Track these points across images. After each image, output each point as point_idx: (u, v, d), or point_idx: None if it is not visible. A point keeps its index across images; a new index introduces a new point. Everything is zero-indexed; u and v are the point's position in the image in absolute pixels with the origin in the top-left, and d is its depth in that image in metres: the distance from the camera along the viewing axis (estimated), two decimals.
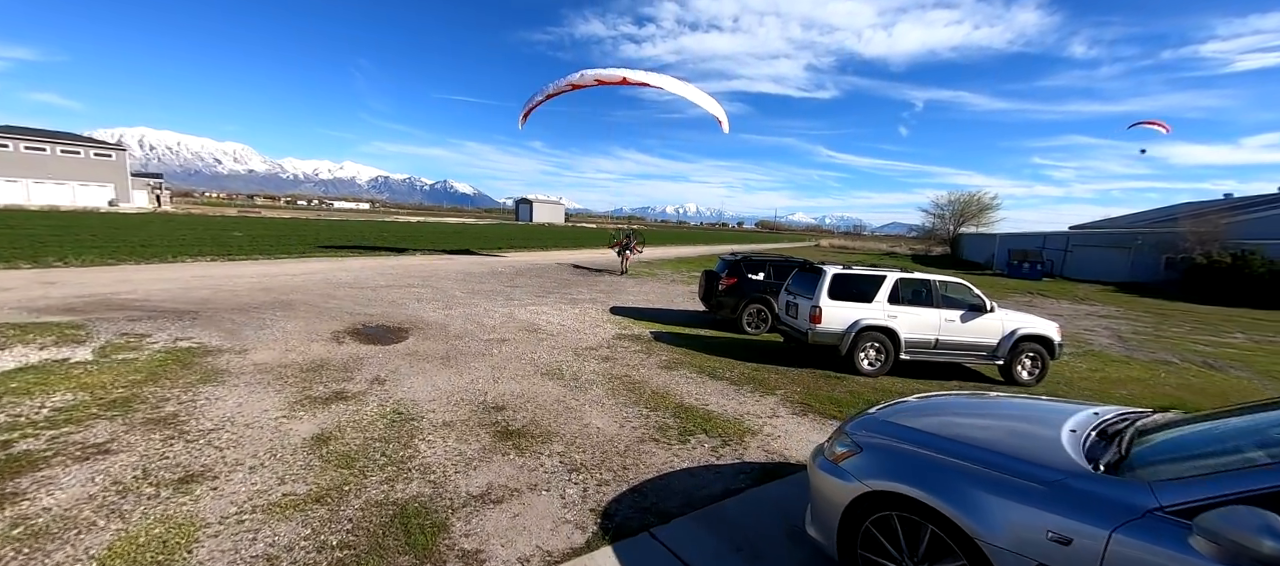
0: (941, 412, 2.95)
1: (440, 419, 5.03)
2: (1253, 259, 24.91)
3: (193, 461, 3.94)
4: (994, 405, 3.08)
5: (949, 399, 3.35)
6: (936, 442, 2.46)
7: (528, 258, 25.40)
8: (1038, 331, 8.22)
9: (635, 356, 7.98)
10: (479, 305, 11.54)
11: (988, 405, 3.10)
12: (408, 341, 8.05)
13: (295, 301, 10.53)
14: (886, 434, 2.71)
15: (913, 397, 3.45)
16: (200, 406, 5.01)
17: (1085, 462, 2.13)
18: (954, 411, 2.99)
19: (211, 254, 17.58)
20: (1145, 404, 7.77)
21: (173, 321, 8.26)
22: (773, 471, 4.24)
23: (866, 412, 3.23)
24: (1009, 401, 3.21)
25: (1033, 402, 3.14)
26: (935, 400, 3.30)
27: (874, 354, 8.01)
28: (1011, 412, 2.92)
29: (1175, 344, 13.49)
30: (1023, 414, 2.87)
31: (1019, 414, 2.88)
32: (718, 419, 5.40)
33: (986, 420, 2.78)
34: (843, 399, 6.43)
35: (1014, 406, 3.06)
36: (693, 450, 4.60)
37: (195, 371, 6.03)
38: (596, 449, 4.53)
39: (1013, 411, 2.95)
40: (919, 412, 2.95)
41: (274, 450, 4.20)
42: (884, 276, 8.23)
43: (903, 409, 3.09)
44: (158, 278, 12.44)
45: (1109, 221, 52.04)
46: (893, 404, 3.31)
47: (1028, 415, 2.82)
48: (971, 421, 2.75)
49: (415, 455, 4.25)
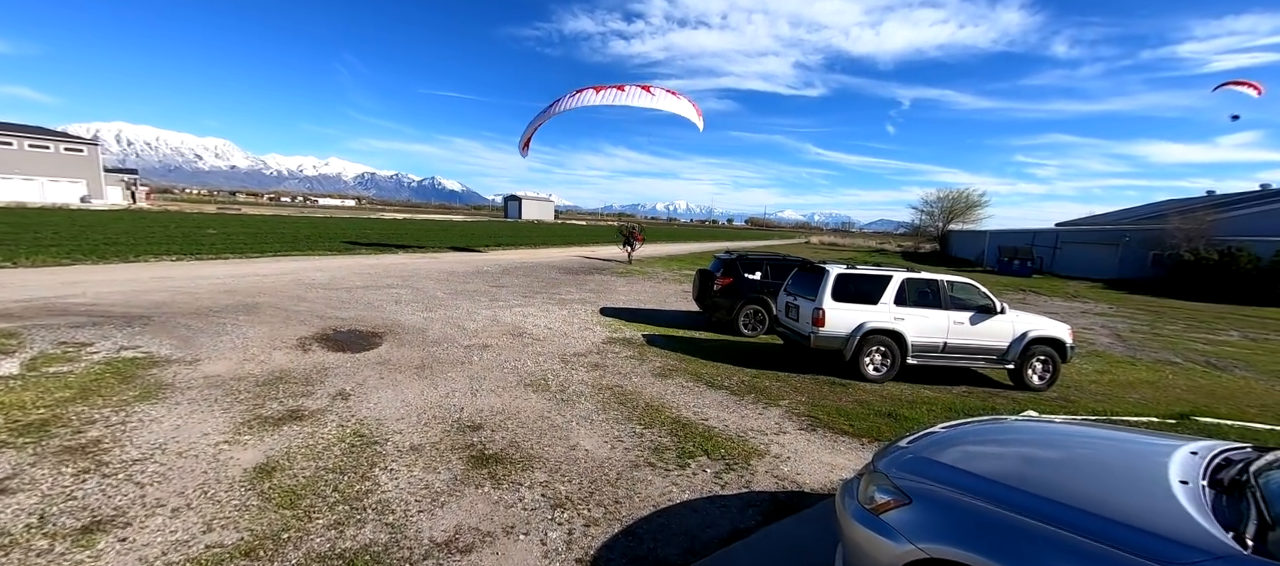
0: (999, 448, 2.45)
1: (407, 441, 4.44)
2: (1240, 256, 25.06)
3: (104, 503, 3.33)
4: (1060, 437, 2.57)
5: (996, 427, 2.86)
6: (1013, 497, 1.95)
7: (516, 256, 24.71)
8: (1049, 333, 7.82)
9: (627, 363, 7.43)
10: (461, 307, 10.91)
11: (1051, 436, 2.60)
12: (381, 348, 7.43)
13: (262, 304, 9.82)
14: (939, 479, 2.20)
15: (945, 426, 2.95)
16: (130, 430, 4.37)
17: (1223, 532, 1.64)
18: (1014, 446, 2.48)
19: (179, 253, 16.68)
20: (1158, 408, 7.43)
21: (120, 327, 7.54)
22: (785, 504, 3.72)
23: (901, 446, 2.72)
24: (1076, 431, 2.71)
25: (1109, 435, 2.62)
26: (981, 430, 2.80)
27: (880, 359, 7.55)
28: (1091, 450, 2.41)
29: (1174, 343, 13.27)
30: (1107, 453, 2.36)
31: (1101, 452, 2.37)
32: (719, 437, 4.88)
33: (1062, 461, 2.28)
34: (852, 410, 5.95)
35: (1088, 440, 2.55)
36: (693, 477, 4.07)
37: (135, 386, 5.37)
38: (584, 477, 3.98)
39: (1091, 448, 2.44)
40: (971, 450, 2.44)
41: (206, 486, 3.59)
42: (890, 276, 7.77)
43: (948, 443, 2.58)
44: (112, 279, 11.61)
45: (1096, 218, 52.54)
46: (929, 434, 2.80)
47: (1114, 455, 2.31)
48: (1045, 464, 2.24)
49: (373, 489, 3.67)
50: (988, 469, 2.19)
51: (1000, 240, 39.13)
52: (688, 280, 18.72)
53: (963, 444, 2.58)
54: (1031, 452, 2.39)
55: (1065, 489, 1.96)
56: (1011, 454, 2.38)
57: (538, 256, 25.04)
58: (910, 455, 2.48)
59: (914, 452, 2.50)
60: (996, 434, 2.74)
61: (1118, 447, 2.44)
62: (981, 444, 2.53)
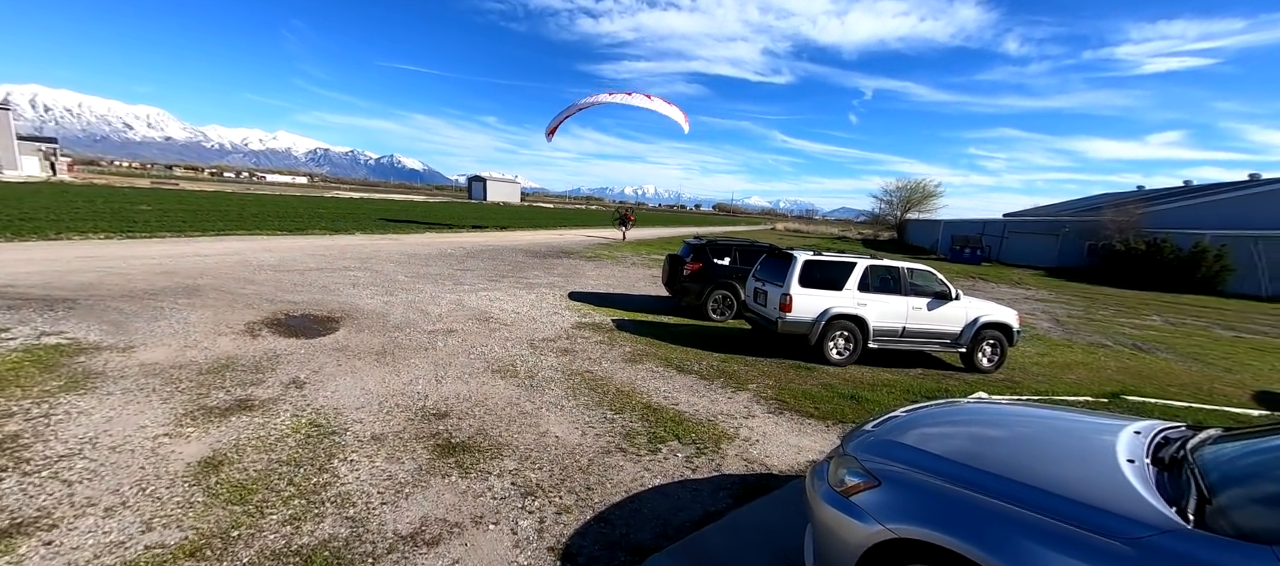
0: (959, 429, 2.55)
1: (368, 431, 4.27)
2: (1164, 246, 27.13)
3: (25, 503, 3.04)
4: (1014, 419, 2.70)
5: (953, 410, 2.97)
6: (974, 477, 2.02)
7: (480, 239, 24.09)
8: (998, 319, 8.25)
9: (597, 348, 7.38)
10: (424, 291, 10.55)
11: (1005, 418, 2.72)
12: (338, 333, 7.09)
13: (204, 286, 9.19)
14: (905, 461, 2.26)
15: (908, 409, 3.05)
16: (55, 424, 4.01)
17: (1167, 507, 1.75)
18: (972, 428, 2.59)
19: (107, 231, 15.39)
20: (1092, 388, 7.99)
21: (41, 311, 6.90)
22: (755, 486, 3.79)
23: (867, 429, 2.79)
24: (1028, 413, 2.85)
25: (1058, 416, 2.77)
26: (940, 412, 2.90)
27: (843, 343, 7.79)
28: (1043, 431, 2.54)
29: (1105, 327, 14.29)
30: (1058, 434, 2.49)
31: (1053, 433, 2.50)
32: (689, 421, 4.91)
33: (1018, 442, 2.38)
34: (817, 393, 6.11)
35: (1040, 421, 2.69)
36: (665, 461, 4.08)
37: (59, 375, 4.93)
38: (555, 464, 3.93)
39: (1043, 429, 2.57)
40: (933, 431, 2.53)
41: (144, 482, 3.34)
42: (855, 263, 7.98)
43: (911, 425, 2.66)
44: (30, 258, 10.60)
45: (1039, 210, 55.73)
46: (893, 417, 2.89)
47: (1065, 436, 2.45)
48: (1002, 444, 2.34)
49: (332, 481, 3.50)
50: (950, 450, 2.27)
51: (953, 229, 40.99)
52: (656, 265, 18.74)
53: (925, 426, 2.67)
54: (988, 434, 2.49)
55: (1023, 468, 2.05)
56: (970, 435, 2.48)
57: (503, 239, 24.49)
58: (876, 438, 2.55)
59: (879, 436, 2.57)
60: (955, 416, 2.86)
61: (1067, 428, 2.58)
62: (942, 426, 2.63)
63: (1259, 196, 29.85)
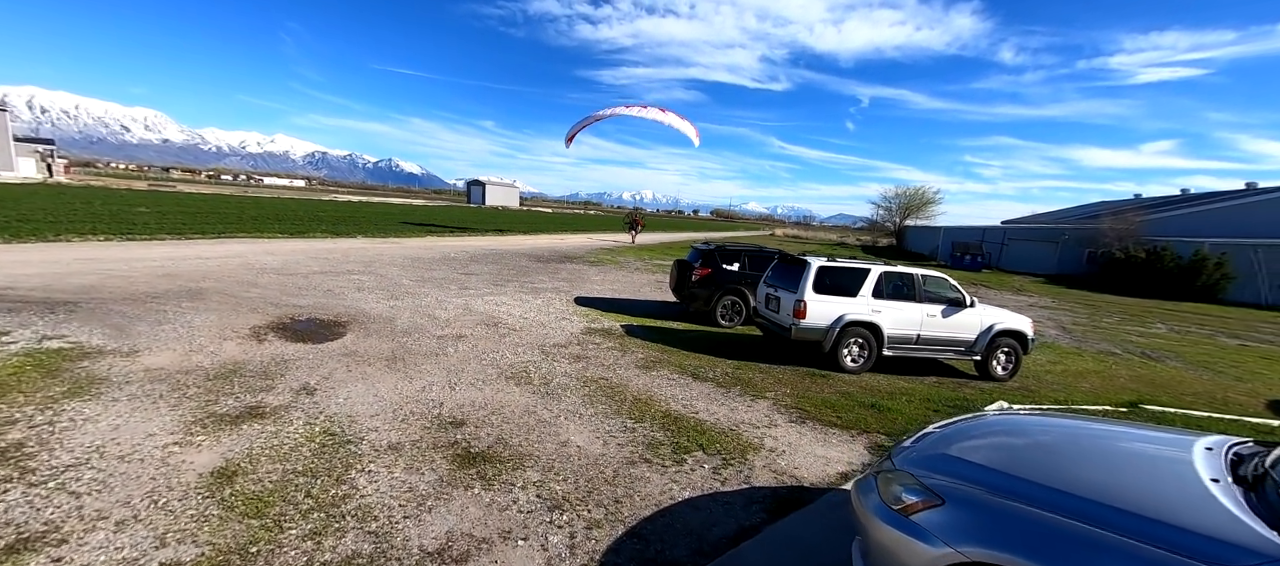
0: (1024, 445, 2.43)
1: (385, 440, 4.14)
2: (1164, 254, 27.21)
3: (32, 517, 2.91)
4: (1079, 433, 2.59)
5: (1013, 422, 2.86)
6: (1051, 497, 1.92)
7: (481, 243, 23.96)
8: (1013, 326, 8.18)
9: (609, 354, 7.26)
10: (430, 295, 10.42)
11: (1069, 432, 2.61)
12: (345, 338, 6.96)
13: (207, 289, 9.04)
14: (970, 478, 2.16)
15: (956, 421, 2.94)
16: (60, 431, 3.87)
17: (1269, 530, 1.65)
18: (1038, 443, 2.47)
19: (107, 233, 15.21)
20: (1109, 397, 7.92)
21: (42, 315, 6.75)
22: (787, 499, 3.67)
23: (917, 443, 2.69)
24: (1090, 427, 2.74)
25: (1122, 431, 2.64)
26: (991, 425, 2.80)
27: (857, 350, 7.69)
28: (1113, 446, 2.42)
29: (1112, 335, 14.25)
30: (1129, 449, 2.39)
31: (1124, 449, 2.40)
32: (711, 431, 4.80)
33: (1089, 458, 2.27)
34: (836, 402, 6.00)
35: (1105, 436, 2.58)
36: (691, 473, 3.97)
37: (62, 380, 4.79)
38: (579, 475, 3.81)
39: (1112, 444, 2.45)
40: (998, 448, 2.42)
41: (156, 494, 3.20)
42: (868, 269, 7.90)
43: (968, 440, 2.56)
44: (29, 260, 10.43)
45: (1037, 217, 55.95)
46: (937, 431, 2.78)
47: (1137, 451, 2.34)
48: (1074, 461, 2.23)
49: (351, 493, 3.37)
50: (1016, 466, 2.17)
51: (953, 236, 41.05)
52: (660, 270, 18.66)
53: (975, 439, 2.56)
54: (1052, 449, 2.39)
55: (1100, 487, 1.95)
56: (1033, 450, 2.37)
57: (504, 244, 24.37)
58: (930, 453, 2.45)
59: (932, 450, 2.46)
60: (1006, 429, 2.75)
61: (1136, 444, 2.48)
62: (995, 439, 2.53)
63: (1257, 205, 29.99)
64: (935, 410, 5.95)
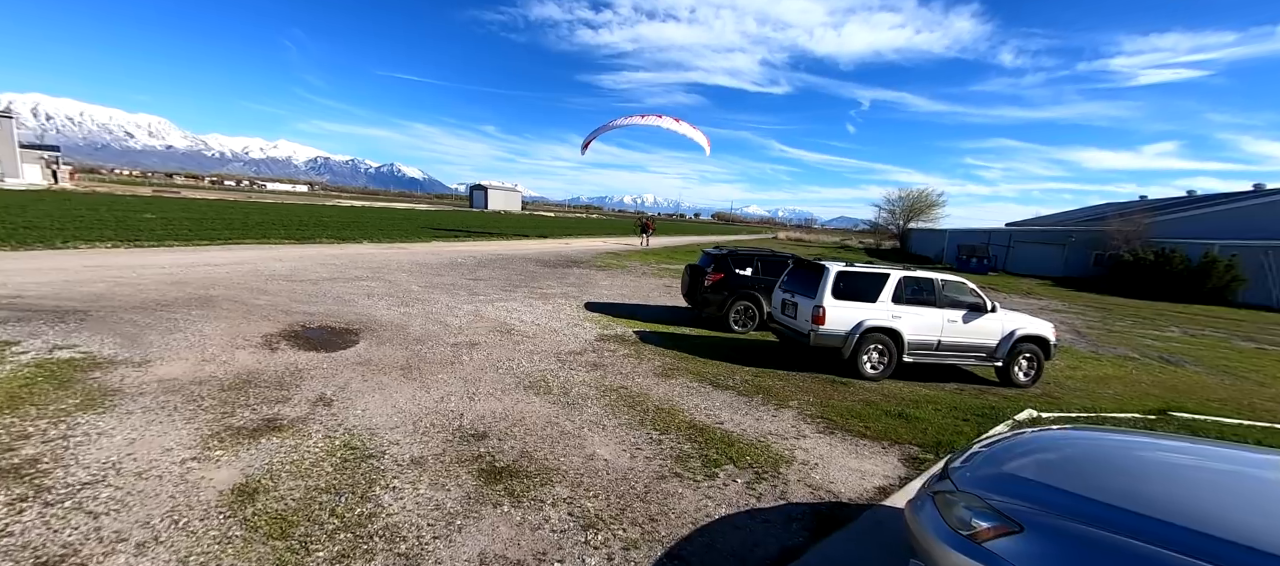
0: (1091, 462, 2.30)
1: (407, 454, 4.02)
2: (1174, 256, 27.01)
3: (50, 539, 2.79)
4: (1156, 451, 2.45)
5: (1080, 436, 2.71)
6: (1149, 527, 1.79)
7: (487, 247, 23.89)
8: (1035, 332, 8.04)
9: (626, 362, 7.14)
10: (440, 301, 10.32)
11: (1144, 450, 2.47)
12: (359, 347, 6.85)
13: (217, 297, 8.95)
14: (1048, 503, 2.03)
15: (998, 438, 2.80)
16: (75, 446, 3.76)
17: None
18: (1121, 463, 2.32)
19: (114, 240, 15.16)
20: (1135, 403, 7.76)
21: (52, 324, 6.66)
22: (827, 516, 3.54)
23: (971, 457, 2.56)
24: (1175, 444, 2.59)
25: (1206, 449, 2.47)
26: (1062, 439, 2.65)
27: (877, 356, 7.56)
28: (1203, 468, 2.28)
29: (1127, 338, 14.08)
30: (1226, 470, 2.24)
31: (1220, 470, 2.25)
32: (739, 442, 4.67)
33: (1181, 480, 2.12)
34: (862, 411, 5.87)
35: (1190, 454, 2.43)
36: (724, 488, 3.84)
37: (74, 392, 4.68)
38: (610, 491, 3.68)
39: (1202, 466, 2.30)
40: (1078, 468, 2.27)
41: (176, 513, 3.09)
42: (888, 274, 7.78)
43: (1034, 454, 2.42)
44: (37, 267, 10.36)
45: (1042, 219, 55.73)
46: (1003, 442, 2.64)
47: (1234, 474, 2.19)
48: (1166, 483, 2.09)
49: (378, 511, 3.26)
50: (1108, 492, 2.03)
51: (959, 239, 40.90)
52: (667, 274, 18.55)
53: (1055, 459, 2.41)
54: (1147, 473, 2.23)
55: (1204, 516, 1.82)
56: (1123, 474, 2.22)
57: (510, 249, 24.30)
58: (1002, 473, 2.31)
59: (1004, 469, 2.33)
60: (1084, 447, 2.59)
61: (1226, 464, 2.33)
62: (1078, 459, 2.38)
63: (1265, 206, 29.78)
64: (964, 419, 5.81)
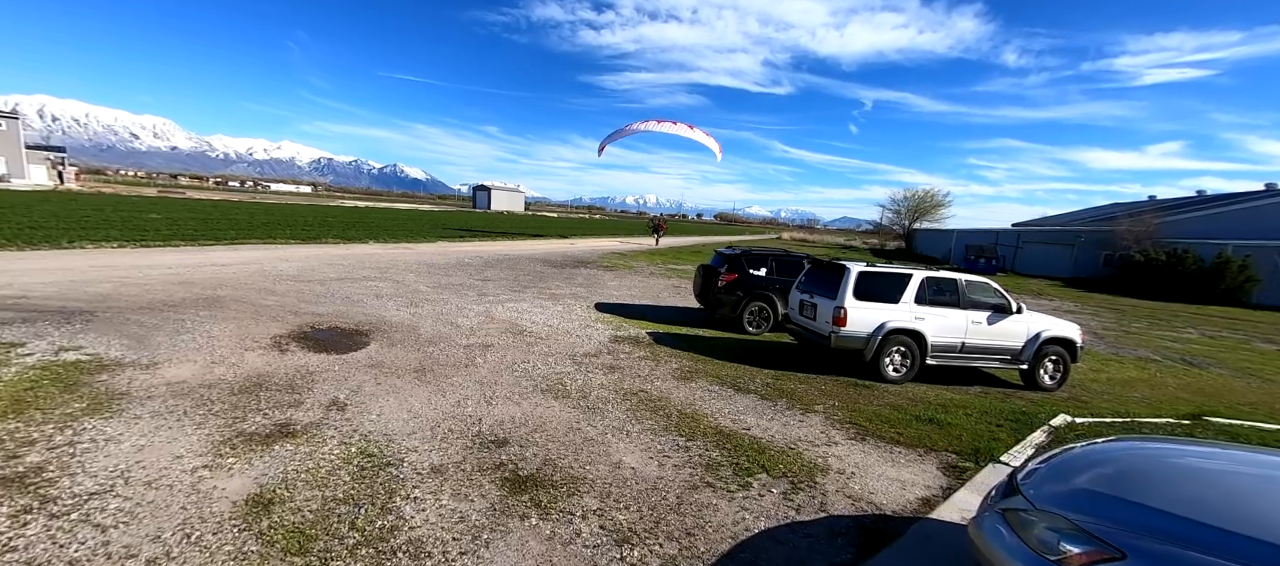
0: (1206, 483, 2.09)
1: (426, 461, 3.85)
2: (1186, 257, 26.67)
3: (56, 555, 2.63)
4: (1255, 463, 2.26)
5: (1163, 449, 2.53)
6: (1273, 557, 1.61)
7: (492, 247, 23.75)
8: (1061, 333, 7.83)
9: (643, 364, 6.96)
10: (450, 302, 10.16)
11: (1247, 462, 2.27)
12: (370, 348, 6.69)
13: (225, 298, 8.81)
14: (1156, 529, 1.83)
15: (1098, 444, 2.60)
16: (81, 453, 3.60)
17: None
18: (1214, 476, 2.13)
19: (120, 240, 15.07)
20: (1166, 408, 7.53)
21: (58, 325, 6.52)
22: (872, 530, 3.36)
23: (1039, 470, 2.37)
24: (1261, 456, 2.40)
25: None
26: (1144, 450, 2.46)
27: (899, 359, 7.36)
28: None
29: (1146, 340, 13.83)
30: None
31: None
32: (770, 449, 4.48)
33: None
34: (889, 415, 5.68)
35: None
36: (760, 498, 3.66)
37: (81, 396, 4.53)
38: (641, 502, 3.50)
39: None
40: (1168, 481, 2.08)
41: (188, 526, 2.93)
42: (910, 275, 7.58)
43: (1109, 466, 2.23)
44: (44, 267, 10.25)
45: (1048, 219, 55.31)
46: (1082, 453, 2.44)
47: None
48: (1272, 494, 1.91)
49: (399, 524, 3.09)
50: (1209, 511, 1.84)
51: (967, 239, 40.56)
52: (675, 275, 18.37)
53: (1143, 474, 2.22)
54: (1238, 486, 2.05)
55: None
56: (1215, 488, 2.04)
57: (515, 249, 24.15)
58: (1089, 490, 2.11)
59: (1087, 485, 2.14)
60: (1175, 459, 2.38)
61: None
62: (1172, 474, 2.18)
63: (1278, 206, 29.41)
64: (998, 425, 5.61)
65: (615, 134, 25.96)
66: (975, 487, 3.96)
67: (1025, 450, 4.86)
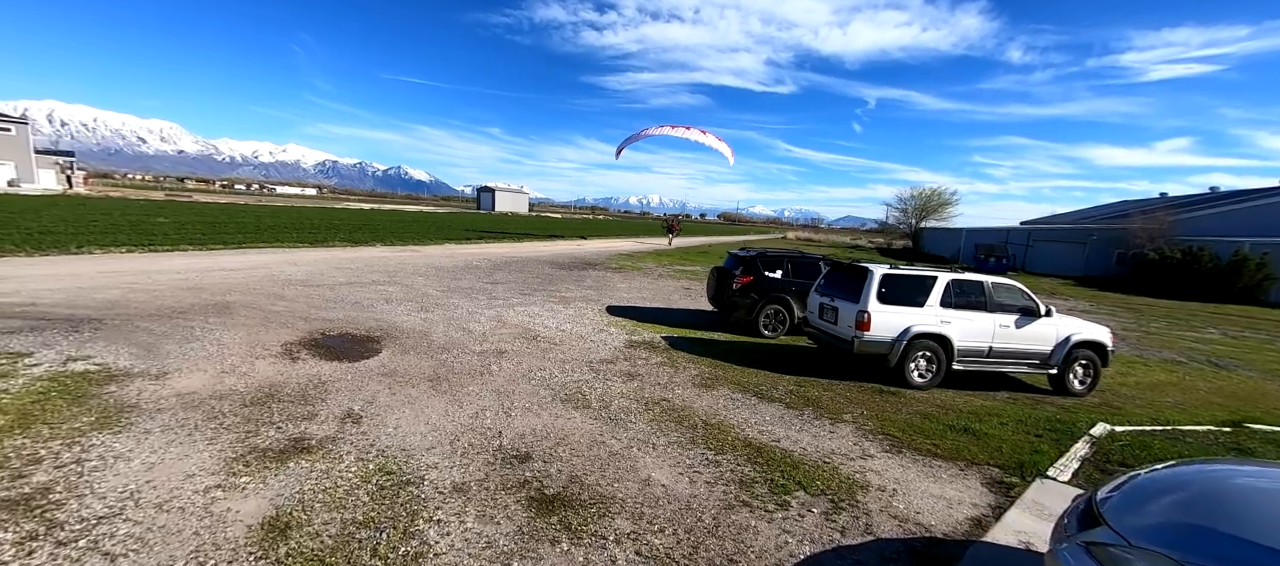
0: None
1: (447, 479, 3.68)
2: (1202, 255, 26.24)
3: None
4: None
5: (1260, 470, 2.33)
6: None
7: (499, 249, 23.63)
8: (1092, 337, 7.60)
9: (661, 371, 6.78)
10: (460, 306, 10.00)
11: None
12: (382, 355, 6.54)
13: (234, 303, 8.68)
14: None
15: (1199, 465, 2.41)
16: (89, 472, 3.45)
17: None
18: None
19: (128, 244, 15.01)
20: (1201, 413, 7.27)
21: (66, 333, 6.39)
22: (925, 555, 3.16)
23: (1132, 493, 2.17)
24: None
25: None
26: (1243, 473, 2.26)
27: (925, 364, 7.14)
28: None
29: (1168, 341, 13.54)
30: None
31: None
32: (804, 464, 4.29)
33: None
34: (921, 425, 5.47)
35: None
36: (801, 519, 3.46)
37: (90, 409, 4.39)
38: (676, 523, 3.32)
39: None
40: (1262, 506, 1.90)
41: (202, 554, 2.76)
42: (935, 277, 7.36)
43: (1228, 492, 2.03)
44: (52, 273, 10.16)
45: (1057, 217, 54.72)
46: (1174, 475, 2.25)
47: None
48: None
49: (424, 551, 2.91)
50: None
51: (976, 238, 40.16)
52: (685, 276, 18.18)
53: (1234, 501, 2.02)
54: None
55: None
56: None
57: (521, 250, 24.02)
58: (1196, 526, 1.91)
59: (1196, 521, 1.94)
60: (1264, 483, 2.20)
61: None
62: (1263, 501, 2.00)
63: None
64: (1036, 434, 5.39)
65: (632, 137, 26.40)
66: (1026, 506, 3.76)
67: (1071, 463, 4.65)
